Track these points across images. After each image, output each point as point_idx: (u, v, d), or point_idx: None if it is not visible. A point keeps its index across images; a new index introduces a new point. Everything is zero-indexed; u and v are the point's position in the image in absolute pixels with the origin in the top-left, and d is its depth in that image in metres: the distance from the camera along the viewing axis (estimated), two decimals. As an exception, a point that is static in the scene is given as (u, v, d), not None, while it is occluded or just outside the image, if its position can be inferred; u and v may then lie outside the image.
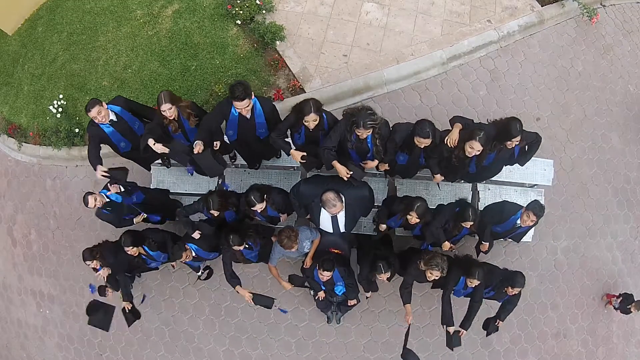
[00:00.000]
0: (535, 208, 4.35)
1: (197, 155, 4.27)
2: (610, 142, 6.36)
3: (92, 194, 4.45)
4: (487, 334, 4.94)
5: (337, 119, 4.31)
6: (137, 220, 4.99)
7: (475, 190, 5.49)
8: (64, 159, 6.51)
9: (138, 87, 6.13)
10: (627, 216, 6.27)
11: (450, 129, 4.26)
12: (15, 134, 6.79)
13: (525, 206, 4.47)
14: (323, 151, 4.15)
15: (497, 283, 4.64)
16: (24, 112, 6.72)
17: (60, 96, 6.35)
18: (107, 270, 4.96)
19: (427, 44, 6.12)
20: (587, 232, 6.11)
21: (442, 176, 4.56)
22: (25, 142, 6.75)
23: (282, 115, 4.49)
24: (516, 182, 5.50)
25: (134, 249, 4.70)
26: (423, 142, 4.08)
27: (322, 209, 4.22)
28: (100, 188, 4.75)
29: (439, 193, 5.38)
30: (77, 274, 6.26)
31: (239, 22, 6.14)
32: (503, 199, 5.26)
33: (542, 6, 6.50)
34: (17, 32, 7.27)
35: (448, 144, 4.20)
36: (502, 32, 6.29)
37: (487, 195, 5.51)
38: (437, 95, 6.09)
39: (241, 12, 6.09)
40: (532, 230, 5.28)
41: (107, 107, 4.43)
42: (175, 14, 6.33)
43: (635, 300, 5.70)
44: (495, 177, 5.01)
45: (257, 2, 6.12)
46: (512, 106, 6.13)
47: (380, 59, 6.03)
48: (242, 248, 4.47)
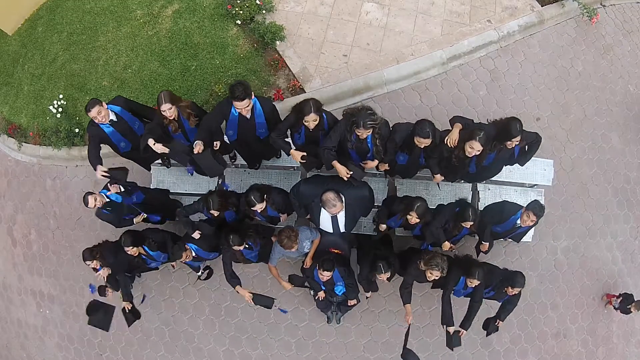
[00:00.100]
0: (536, 208, 4.35)
1: (197, 155, 4.27)
2: (610, 142, 6.36)
3: (92, 193, 4.45)
4: (487, 334, 4.95)
5: (337, 119, 4.30)
6: (137, 220, 4.99)
7: (475, 190, 5.49)
8: (64, 159, 6.51)
9: (138, 87, 6.13)
10: (627, 216, 6.27)
11: (450, 129, 4.26)
12: (15, 134, 6.79)
13: (525, 206, 4.47)
14: (323, 151, 4.15)
15: (497, 283, 4.64)
16: (24, 112, 6.72)
17: (60, 96, 6.35)
18: (107, 270, 4.98)
19: (427, 44, 6.13)
20: (587, 232, 6.11)
21: (442, 176, 4.57)
22: (25, 142, 6.75)
23: (282, 115, 4.49)
24: (516, 182, 5.50)
25: (134, 249, 4.70)
26: (423, 142, 4.08)
27: (322, 209, 4.22)
28: (100, 188, 4.76)
29: (439, 193, 5.38)
30: (77, 274, 6.26)
31: (239, 22, 6.14)
32: (503, 199, 5.26)
33: (542, 6, 6.50)
34: (17, 32, 7.27)
35: (448, 143, 4.20)
36: (502, 32, 6.29)
37: (487, 195, 5.51)
38: (437, 95, 6.09)
39: (241, 12, 6.09)
40: (532, 230, 5.28)
41: (107, 107, 4.43)
42: (175, 14, 6.33)
43: (635, 300, 5.70)
44: (495, 177, 5.01)
45: (257, 2, 6.13)
46: (512, 106, 6.13)
47: (380, 59, 6.03)
48: (242, 248, 4.47)
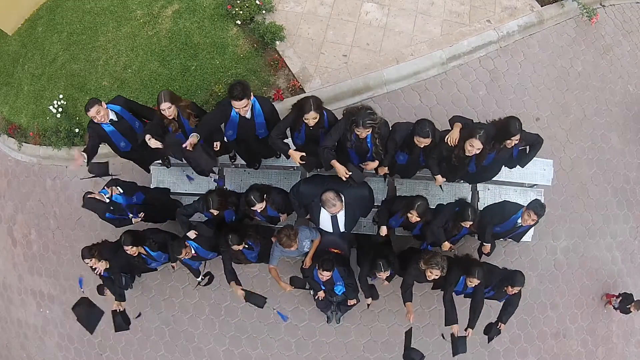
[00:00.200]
0: (536, 207, 4.36)
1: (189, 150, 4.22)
2: (610, 142, 6.37)
3: (92, 194, 4.44)
4: (489, 340, 4.85)
5: (338, 117, 4.31)
6: (136, 220, 4.98)
7: (475, 190, 5.50)
8: (64, 159, 6.51)
9: (138, 87, 6.14)
10: (627, 216, 6.27)
11: (450, 129, 4.27)
12: (15, 134, 6.79)
13: (526, 205, 4.47)
14: (322, 150, 4.15)
15: (497, 282, 4.64)
16: (24, 112, 6.72)
17: (60, 96, 6.35)
18: (105, 263, 4.83)
19: (427, 44, 6.13)
20: (586, 232, 6.11)
21: (443, 177, 4.54)
22: (25, 142, 6.75)
23: (282, 115, 4.49)
24: (516, 182, 5.51)
25: (134, 248, 4.68)
26: (423, 142, 4.09)
27: (321, 208, 4.22)
28: (100, 188, 4.75)
29: (439, 193, 5.39)
30: (77, 274, 6.26)
31: (238, 22, 6.14)
32: (503, 199, 5.27)
33: (541, 6, 6.50)
34: (17, 32, 7.27)
35: (448, 142, 4.20)
36: (501, 32, 6.29)
37: (487, 195, 5.52)
38: (437, 95, 6.10)
39: (241, 12, 6.10)
40: (532, 230, 5.29)
41: (106, 106, 4.44)
42: (175, 14, 6.33)
43: (635, 300, 5.70)
44: (495, 177, 5.01)
45: (257, 2, 6.13)
46: (512, 106, 6.13)
47: (380, 59, 6.03)
48: (242, 248, 4.47)
